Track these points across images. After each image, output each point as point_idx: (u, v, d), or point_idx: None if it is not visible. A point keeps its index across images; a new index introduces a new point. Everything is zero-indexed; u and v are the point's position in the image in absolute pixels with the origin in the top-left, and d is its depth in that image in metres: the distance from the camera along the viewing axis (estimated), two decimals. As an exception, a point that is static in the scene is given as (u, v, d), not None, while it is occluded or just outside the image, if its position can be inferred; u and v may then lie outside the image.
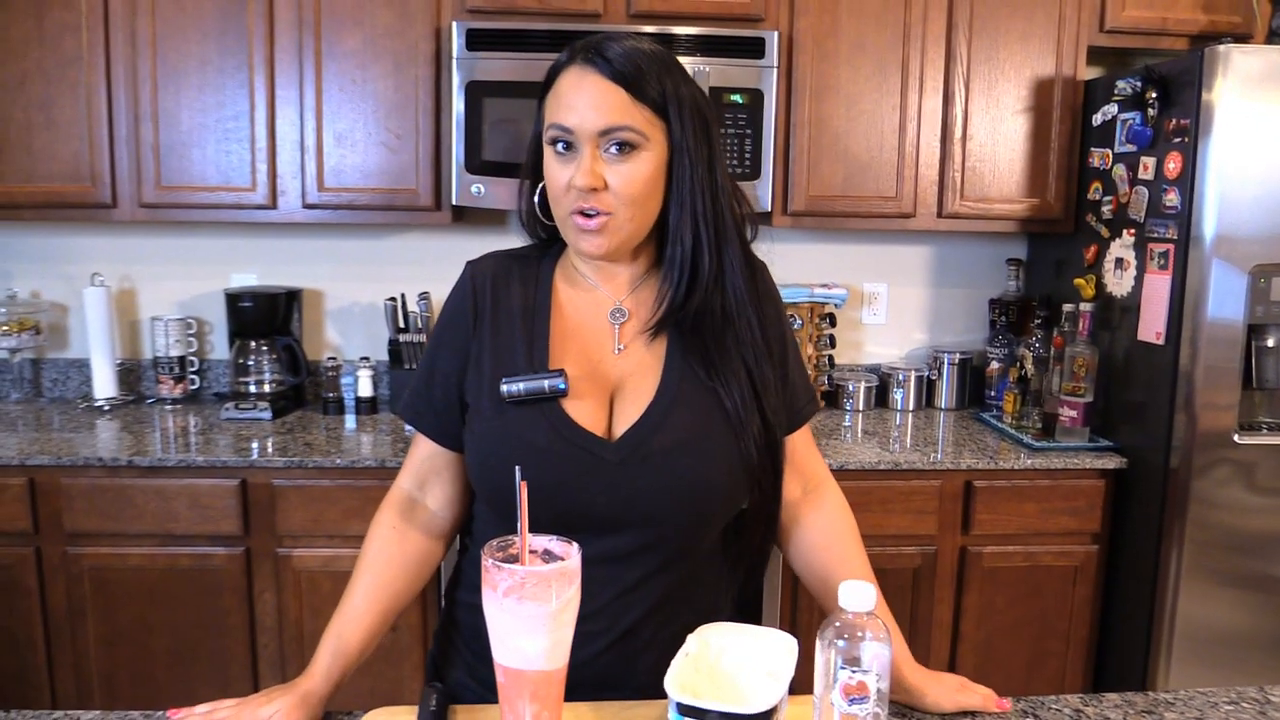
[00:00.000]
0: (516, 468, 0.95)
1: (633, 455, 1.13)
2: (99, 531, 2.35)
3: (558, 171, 1.13)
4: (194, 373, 2.89)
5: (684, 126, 1.13)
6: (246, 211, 2.59)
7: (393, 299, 2.78)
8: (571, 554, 0.94)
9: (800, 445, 1.29)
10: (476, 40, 2.48)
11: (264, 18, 2.51)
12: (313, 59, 2.52)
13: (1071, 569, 2.56)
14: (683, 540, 1.17)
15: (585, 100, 1.10)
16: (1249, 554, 2.38)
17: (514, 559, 0.93)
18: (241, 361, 2.79)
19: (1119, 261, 2.56)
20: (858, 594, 0.89)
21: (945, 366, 3.05)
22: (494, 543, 0.93)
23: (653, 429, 1.14)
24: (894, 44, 2.65)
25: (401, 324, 2.77)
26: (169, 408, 2.83)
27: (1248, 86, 2.21)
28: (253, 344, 2.79)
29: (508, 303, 1.22)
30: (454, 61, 2.48)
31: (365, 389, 2.80)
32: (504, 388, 1.15)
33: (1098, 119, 2.65)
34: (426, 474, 1.27)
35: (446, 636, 1.31)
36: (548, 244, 1.28)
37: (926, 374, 3.08)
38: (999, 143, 2.73)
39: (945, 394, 3.06)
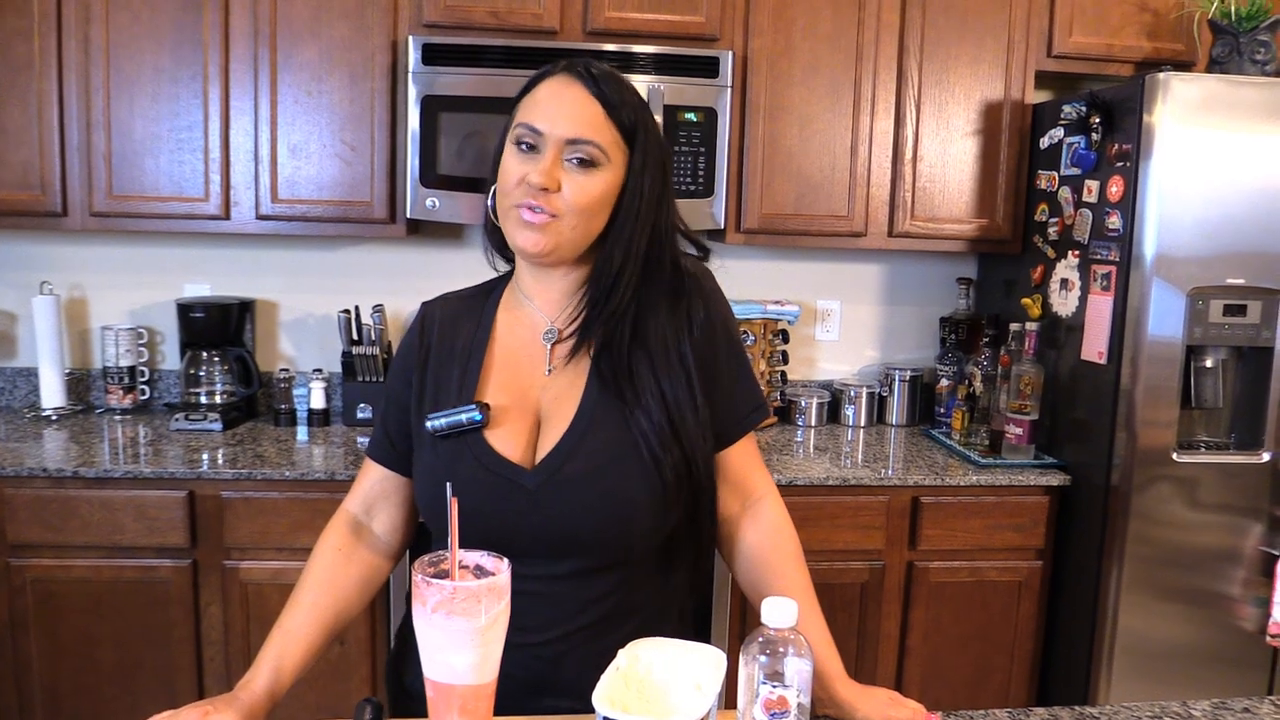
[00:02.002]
0: (448, 484, 0.97)
1: (548, 481, 1.16)
2: (42, 543, 2.31)
3: (514, 166, 1.15)
4: (144, 383, 2.86)
5: (645, 159, 1.17)
6: (199, 222, 2.57)
7: (346, 311, 2.78)
8: (501, 569, 0.95)
9: (739, 459, 1.30)
10: (433, 55, 2.49)
11: (219, 28, 2.50)
12: (268, 70, 2.52)
13: (1016, 584, 2.60)
14: (606, 560, 1.19)
15: (562, 108, 1.14)
16: (1187, 569, 2.43)
17: (445, 574, 0.94)
18: (193, 372, 2.77)
19: (1064, 282, 2.62)
20: (779, 610, 0.90)
21: (896, 383, 3.09)
22: (426, 558, 0.94)
23: (567, 455, 1.16)
24: (847, 66, 2.70)
25: (355, 336, 2.77)
26: (118, 418, 2.80)
27: (1187, 113, 2.27)
28: (205, 354, 2.77)
29: (451, 342, 1.27)
30: (410, 75, 2.49)
31: (318, 401, 2.79)
32: (427, 424, 1.20)
33: (1044, 142, 2.71)
34: (374, 499, 1.30)
35: (404, 639, 1.32)
36: (498, 280, 1.31)
37: (878, 390, 3.12)
38: (949, 164, 2.78)
39: (896, 410, 3.10)
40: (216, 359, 2.77)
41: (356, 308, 2.80)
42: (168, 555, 2.35)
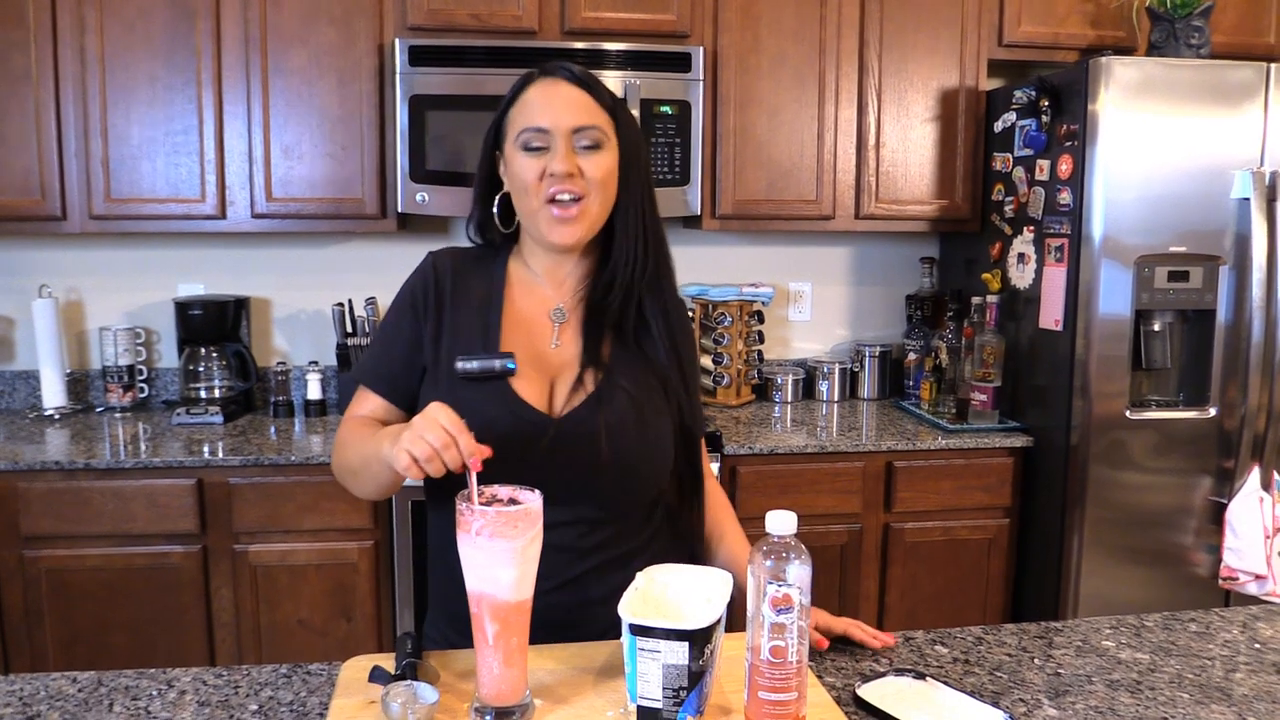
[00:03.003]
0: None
1: (575, 430, 1.27)
2: (56, 534, 2.40)
3: (530, 167, 1.27)
4: (143, 381, 2.95)
5: (628, 131, 1.31)
6: (196, 222, 2.67)
7: (340, 304, 2.88)
8: (533, 499, 1.07)
9: None
10: (419, 56, 2.60)
11: (211, 36, 2.60)
12: (259, 75, 2.62)
13: (986, 542, 2.76)
14: (613, 509, 1.31)
15: (557, 104, 1.27)
16: (1143, 521, 2.60)
17: (487, 504, 1.06)
18: (192, 368, 2.86)
19: (1021, 256, 2.78)
20: (781, 520, 1.04)
21: (867, 359, 3.25)
22: (463, 493, 1.07)
23: (594, 409, 1.28)
24: (811, 59, 2.85)
25: (349, 328, 2.87)
26: (119, 415, 2.88)
27: (1128, 95, 2.44)
28: (203, 351, 2.86)
29: (466, 292, 1.36)
30: (397, 77, 2.61)
31: (314, 392, 2.89)
32: (458, 364, 1.27)
33: (998, 126, 2.87)
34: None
35: (433, 623, 1.43)
36: (500, 245, 1.42)
37: (850, 367, 3.27)
38: (910, 149, 2.94)
39: (867, 385, 3.25)
40: (214, 355, 2.86)
41: (349, 301, 2.90)
42: (178, 541, 2.45)
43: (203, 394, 2.87)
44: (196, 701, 1.17)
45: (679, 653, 1.04)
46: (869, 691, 1.20)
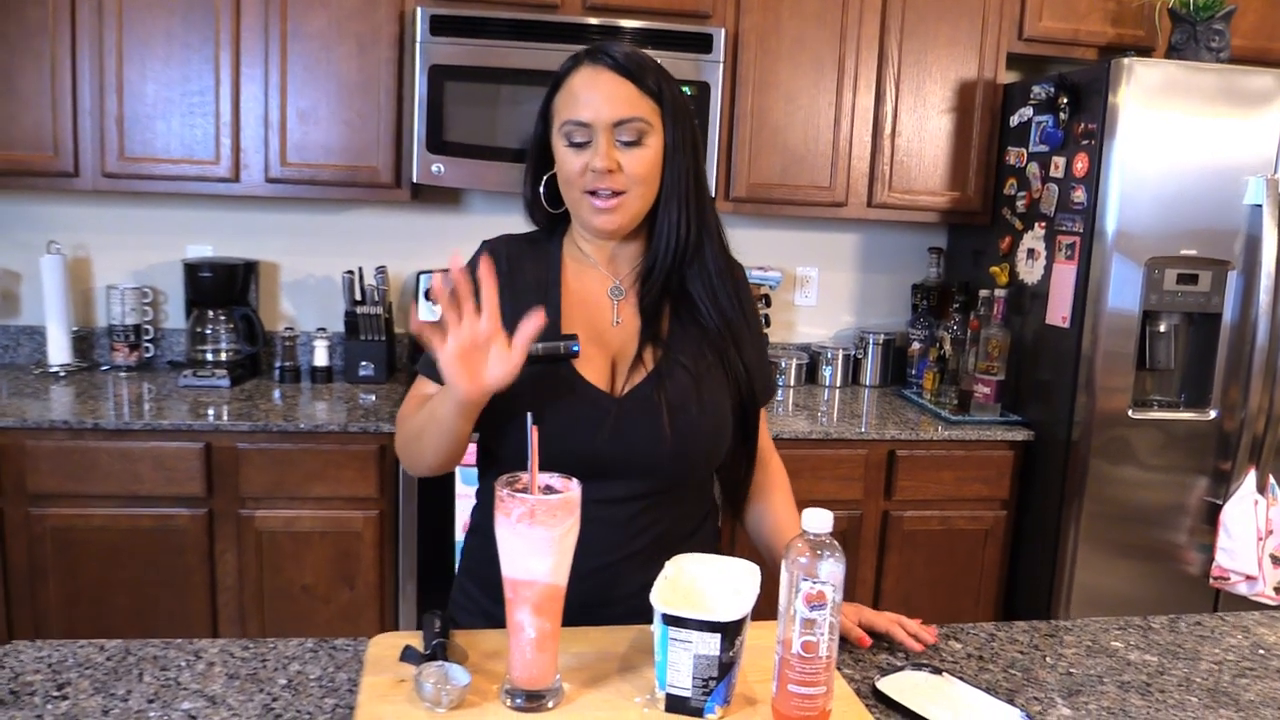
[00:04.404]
0: (528, 414, 1.10)
1: (637, 408, 1.29)
2: (62, 493, 2.41)
3: (573, 159, 1.27)
4: (148, 341, 2.94)
5: (676, 120, 1.30)
6: (210, 184, 2.66)
7: (350, 272, 2.88)
8: (571, 488, 1.09)
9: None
10: (440, 25, 2.58)
11: (230, -3, 2.58)
12: (278, 38, 2.60)
13: (983, 533, 2.80)
14: (669, 486, 1.33)
15: (599, 95, 1.26)
16: (1139, 519, 2.64)
17: (523, 491, 1.07)
18: (199, 330, 2.86)
19: (1031, 252, 2.80)
20: (817, 518, 1.06)
21: (870, 346, 3.27)
22: (504, 478, 1.08)
23: (655, 386, 1.30)
24: (832, 44, 2.84)
25: (359, 296, 2.87)
26: (124, 374, 2.88)
27: (1148, 96, 2.45)
28: (210, 313, 2.85)
29: (523, 276, 1.37)
30: (418, 45, 2.59)
31: (321, 359, 2.89)
32: None
33: (1014, 120, 2.88)
34: None
35: (461, 583, 1.45)
36: (551, 229, 1.43)
37: (853, 353, 3.29)
38: (925, 139, 2.94)
39: (870, 372, 3.27)
40: (222, 318, 2.86)
41: (360, 269, 2.90)
42: (184, 505, 2.46)
43: (209, 356, 2.86)
44: (225, 674, 1.18)
45: (710, 644, 1.06)
46: (888, 685, 1.23)
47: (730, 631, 1.05)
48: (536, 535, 1.05)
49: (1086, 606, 2.66)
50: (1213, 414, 2.61)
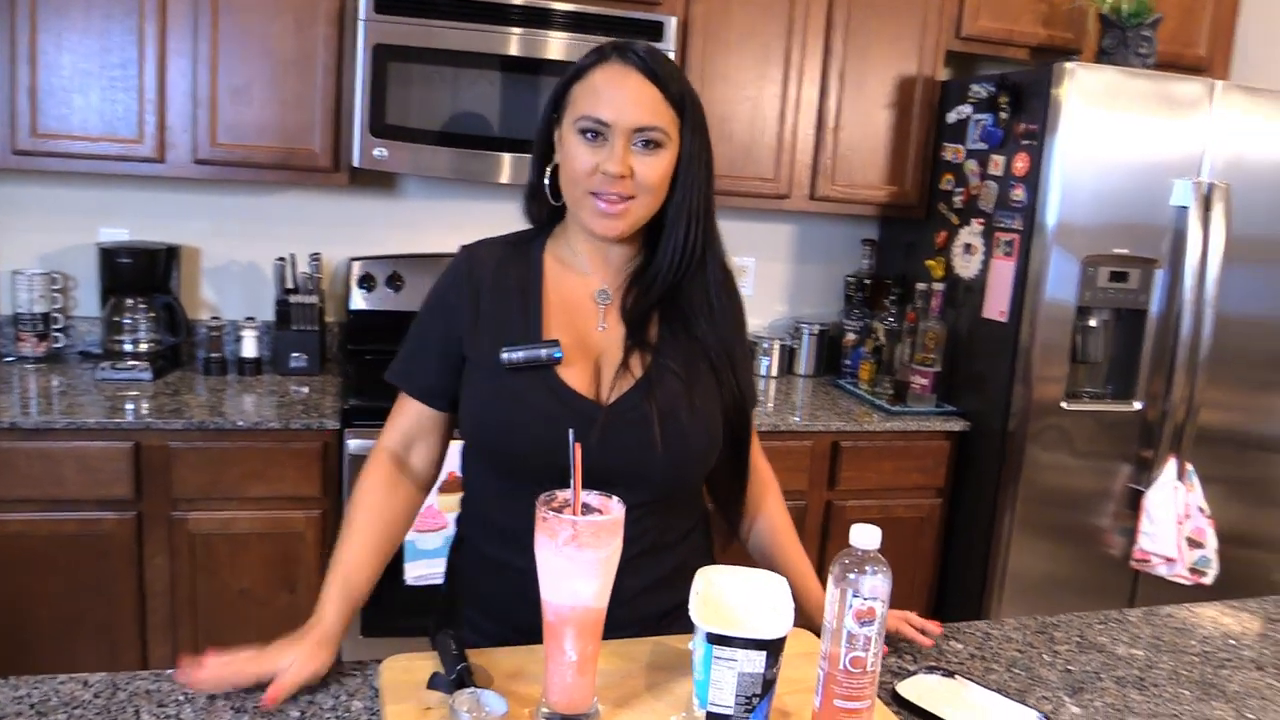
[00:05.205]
0: (570, 430, 1.06)
1: (625, 416, 1.25)
2: (-27, 497, 2.23)
3: (585, 156, 1.22)
4: (58, 330, 2.74)
5: (694, 124, 1.26)
6: (132, 164, 2.49)
7: (282, 259, 2.74)
8: (613, 508, 1.05)
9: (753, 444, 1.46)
10: (384, 3, 2.47)
11: (154, -38, 2.41)
12: (209, 11, 2.44)
13: (919, 520, 2.88)
14: (660, 495, 1.31)
15: (624, 96, 1.21)
16: (1068, 505, 2.75)
17: (558, 510, 1.04)
18: (116, 319, 2.68)
19: (968, 247, 2.87)
20: (865, 534, 1.05)
21: (805, 337, 3.31)
22: (543, 497, 1.04)
23: (644, 394, 1.26)
24: (780, 36, 2.84)
25: (291, 284, 2.74)
26: (30, 366, 2.68)
27: (1088, 99, 2.53)
28: (129, 301, 2.67)
29: (504, 281, 1.32)
30: (360, 23, 2.47)
31: (250, 349, 2.75)
32: (503, 355, 1.25)
33: (952, 117, 2.94)
34: (414, 435, 1.36)
35: (451, 604, 1.40)
36: (536, 231, 1.38)
37: (789, 343, 3.32)
38: (866, 133, 2.98)
39: (805, 362, 3.31)
40: (142, 306, 2.68)
41: (292, 256, 2.76)
42: (111, 508, 2.31)
43: (128, 347, 2.69)
44: (231, 709, 1.10)
45: (756, 661, 1.04)
46: (907, 689, 1.24)
47: (775, 648, 1.04)
48: (585, 558, 1.01)
49: (1018, 589, 2.76)
50: (1137, 405, 2.74)
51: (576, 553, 1.01)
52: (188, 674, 1.10)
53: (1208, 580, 2.68)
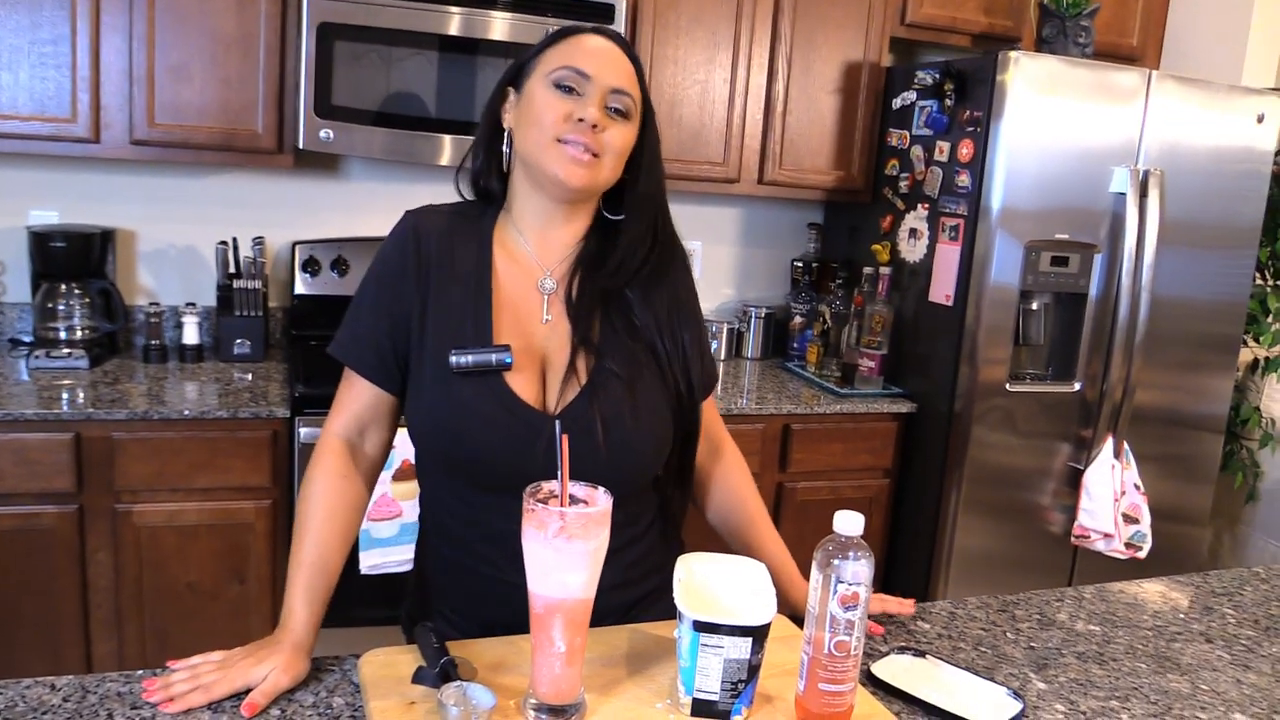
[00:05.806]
0: (556, 422, 1.05)
1: (571, 426, 1.21)
2: (-98, 493, 2.14)
3: (557, 103, 1.21)
4: (-16, 317, 2.64)
5: (651, 116, 1.30)
6: (65, 145, 2.39)
7: (224, 243, 2.67)
8: (600, 499, 1.05)
9: (706, 410, 1.44)
10: (330, -19, 2.41)
11: (86, -66, 2.31)
12: (145, -16, 2.35)
13: (867, 500, 2.93)
14: (612, 495, 1.30)
15: (606, 58, 1.23)
16: (1011, 484, 2.83)
17: (544, 502, 1.03)
18: (50, 306, 2.58)
19: (913, 231, 2.92)
20: (848, 520, 1.07)
21: (752, 320, 3.33)
22: (529, 488, 1.03)
23: (589, 400, 1.25)
24: (728, 20, 2.85)
25: (234, 269, 2.66)
26: (-44, 355, 2.57)
27: (1032, 87, 2.59)
28: (63, 287, 2.58)
29: (452, 265, 1.28)
30: (304, 2, 2.40)
31: (191, 336, 2.67)
32: (453, 359, 1.22)
33: (897, 103, 2.98)
34: (368, 420, 1.30)
35: (421, 598, 1.38)
36: (482, 206, 1.35)
37: (736, 326, 3.35)
38: (814, 119, 3.00)
39: (752, 344, 3.34)
40: (76, 292, 2.59)
41: (234, 239, 2.69)
42: (51, 501, 2.23)
43: (62, 335, 2.59)
44: (209, 710, 1.08)
45: (742, 648, 1.06)
46: (881, 670, 1.26)
47: (761, 634, 1.06)
48: (574, 550, 1.01)
49: (963, 565, 2.84)
50: (1077, 386, 2.82)
51: (566, 545, 1.01)
52: (158, 695, 1.07)
53: (1142, 555, 2.78)
